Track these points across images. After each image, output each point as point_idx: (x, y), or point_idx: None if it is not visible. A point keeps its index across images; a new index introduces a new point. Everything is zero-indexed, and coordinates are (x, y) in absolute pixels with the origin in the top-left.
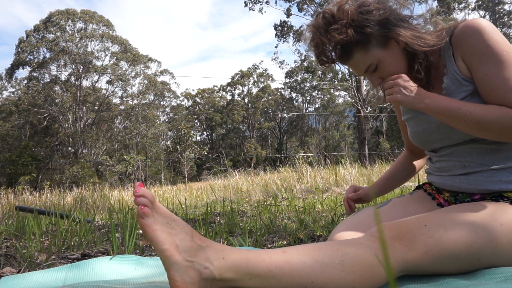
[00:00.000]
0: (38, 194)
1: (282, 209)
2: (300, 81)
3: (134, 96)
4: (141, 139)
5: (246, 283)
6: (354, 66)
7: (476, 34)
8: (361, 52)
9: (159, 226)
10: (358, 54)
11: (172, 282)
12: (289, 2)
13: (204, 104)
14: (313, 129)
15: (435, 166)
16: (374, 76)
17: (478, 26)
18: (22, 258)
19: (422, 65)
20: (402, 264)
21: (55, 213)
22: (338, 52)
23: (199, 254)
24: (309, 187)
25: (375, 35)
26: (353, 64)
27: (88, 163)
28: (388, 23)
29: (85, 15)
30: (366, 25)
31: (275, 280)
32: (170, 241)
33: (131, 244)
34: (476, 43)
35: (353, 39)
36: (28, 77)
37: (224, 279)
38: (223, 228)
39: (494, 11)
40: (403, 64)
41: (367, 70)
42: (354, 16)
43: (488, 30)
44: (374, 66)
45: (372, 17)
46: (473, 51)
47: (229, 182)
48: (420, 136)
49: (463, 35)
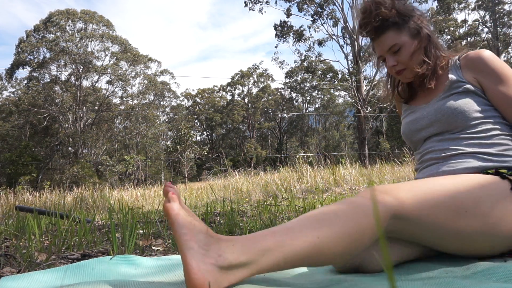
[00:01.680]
0: (38, 194)
1: (282, 209)
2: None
3: (134, 96)
4: (141, 139)
5: (261, 262)
6: (382, 41)
7: (491, 58)
8: (394, 31)
9: (182, 212)
10: (391, 32)
11: (188, 269)
12: (289, 2)
13: (204, 104)
14: (313, 129)
15: (420, 161)
16: (392, 58)
17: (491, 53)
18: (22, 258)
19: (430, 65)
20: (391, 213)
21: (55, 213)
22: (377, 23)
23: (212, 244)
24: (309, 187)
25: (409, 25)
26: (383, 39)
27: (88, 163)
28: (422, 23)
29: (85, 15)
30: (406, 14)
31: (286, 246)
32: (190, 228)
33: (131, 244)
34: (491, 65)
35: (393, 18)
36: (28, 77)
37: (239, 263)
38: (223, 228)
39: (494, 11)
40: (418, 58)
41: (390, 49)
42: (400, 5)
43: (497, 58)
44: (397, 48)
45: (411, 13)
46: (489, 71)
47: (229, 182)
48: (409, 124)
49: (478, 58)
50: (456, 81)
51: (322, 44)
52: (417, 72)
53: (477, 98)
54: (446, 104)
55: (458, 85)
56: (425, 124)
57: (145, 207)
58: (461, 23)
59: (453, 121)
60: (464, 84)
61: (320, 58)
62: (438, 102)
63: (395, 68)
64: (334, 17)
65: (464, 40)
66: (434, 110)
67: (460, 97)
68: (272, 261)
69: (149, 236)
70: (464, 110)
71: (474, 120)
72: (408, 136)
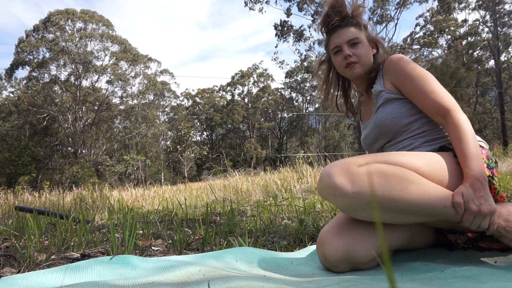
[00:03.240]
0: (37, 194)
1: (282, 209)
2: (300, 81)
3: (134, 96)
4: (141, 139)
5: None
6: (345, 32)
7: (399, 61)
8: (356, 29)
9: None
10: (354, 28)
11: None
12: (289, 2)
13: (204, 104)
14: (313, 129)
15: None
16: (348, 50)
17: (401, 56)
18: (22, 258)
19: (373, 68)
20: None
21: (54, 213)
22: (346, 16)
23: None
24: (309, 187)
25: (369, 33)
26: (346, 31)
27: (87, 163)
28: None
29: (85, 15)
30: (367, 25)
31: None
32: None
33: (131, 244)
34: (400, 68)
35: (357, 20)
36: (28, 77)
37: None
38: (223, 228)
39: (494, 11)
40: (371, 60)
41: (350, 41)
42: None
43: (406, 59)
44: (356, 41)
45: (369, 21)
46: (399, 73)
47: (229, 182)
48: (363, 141)
49: (389, 62)
50: (378, 92)
51: (322, 44)
52: (364, 71)
53: (399, 103)
54: (378, 118)
55: (380, 95)
56: (372, 139)
57: (144, 207)
58: (462, 23)
59: (389, 130)
60: (384, 94)
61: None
62: (373, 117)
63: (349, 59)
64: None
65: (464, 40)
66: (373, 126)
67: (386, 108)
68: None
69: (148, 236)
70: (392, 119)
71: (406, 122)
72: (368, 151)
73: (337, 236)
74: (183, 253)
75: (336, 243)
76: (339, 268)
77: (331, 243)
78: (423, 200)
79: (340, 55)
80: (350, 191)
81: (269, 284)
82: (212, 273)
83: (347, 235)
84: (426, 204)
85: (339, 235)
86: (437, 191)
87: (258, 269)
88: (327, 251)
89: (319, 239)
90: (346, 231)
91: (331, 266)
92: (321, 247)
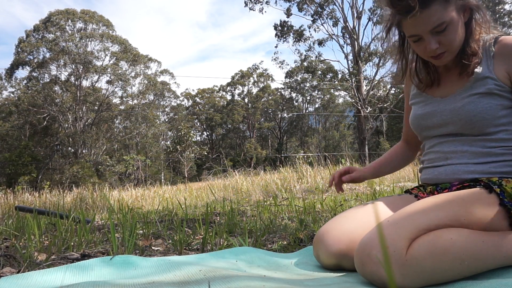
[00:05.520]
0: (37, 194)
1: (282, 209)
2: (300, 81)
3: (134, 96)
4: (141, 139)
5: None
6: (427, 17)
7: None
8: (441, 5)
9: None
10: (437, 6)
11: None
12: (289, 2)
13: (204, 104)
14: (313, 129)
15: (424, 159)
16: (434, 38)
17: None
18: (22, 258)
19: (471, 49)
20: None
21: (54, 213)
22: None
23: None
24: (309, 187)
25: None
26: (427, 16)
27: (88, 163)
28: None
29: (85, 15)
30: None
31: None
32: None
33: (131, 244)
34: None
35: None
36: (28, 77)
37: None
38: (223, 228)
39: (494, 11)
40: (462, 37)
41: (436, 28)
42: None
43: None
44: (444, 26)
45: None
46: None
47: (229, 182)
48: (420, 119)
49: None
50: (482, 77)
51: (322, 44)
52: (455, 55)
53: (502, 100)
54: (466, 107)
55: (483, 82)
56: (437, 123)
57: (145, 207)
58: None
59: (469, 127)
60: (491, 83)
61: (320, 58)
62: (457, 101)
63: (435, 52)
64: (334, 17)
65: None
66: (450, 111)
67: (482, 100)
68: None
69: (149, 236)
70: (484, 118)
71: (494, 127)
72: (417, 130)
73: (335, 235)
74: (183, 253)
75: (333, 242)
76: (334, 268)
77: (328, 243)
78: (489, 266)
79: (422, 44)
80: (401, 284)
81: (270, 284)
82: (212, 273)
83: (345, 234)
84: (492, 267)
85: (337, 235)
86: (498, 251)
87: (258, 269)
88: (321, 251)
89: (315, 239)
90: (345, 230)
91: (327, 266)
92: (317, 246)
